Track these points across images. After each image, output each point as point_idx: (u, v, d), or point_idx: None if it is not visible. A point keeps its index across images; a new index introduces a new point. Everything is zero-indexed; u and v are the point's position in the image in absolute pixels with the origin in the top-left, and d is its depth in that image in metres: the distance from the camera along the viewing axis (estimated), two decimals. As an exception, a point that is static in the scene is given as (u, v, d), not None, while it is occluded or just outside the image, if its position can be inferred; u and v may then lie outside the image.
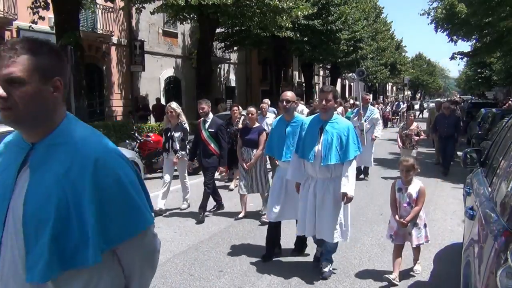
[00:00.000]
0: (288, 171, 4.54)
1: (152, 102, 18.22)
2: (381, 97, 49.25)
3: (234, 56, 26.37)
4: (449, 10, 22.84)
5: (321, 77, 42.25)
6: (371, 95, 45.95)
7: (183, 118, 7.16)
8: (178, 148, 6.97)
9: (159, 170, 10.65)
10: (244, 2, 13.73)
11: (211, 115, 6.81)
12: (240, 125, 8.40)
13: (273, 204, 4.88)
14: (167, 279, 4.51)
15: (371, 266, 4.78)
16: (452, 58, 27.28)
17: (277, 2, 13.90)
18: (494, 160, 3.77)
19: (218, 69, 24.81)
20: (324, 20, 21.72)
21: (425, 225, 4.39)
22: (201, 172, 9.31)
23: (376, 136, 9.86)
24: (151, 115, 17.05)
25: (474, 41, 27.53)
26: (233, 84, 27.16)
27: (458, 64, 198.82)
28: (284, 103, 4.84)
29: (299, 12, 15.34)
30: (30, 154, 1.46)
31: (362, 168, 9.72)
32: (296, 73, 34.53)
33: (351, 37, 24.49)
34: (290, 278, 4.46)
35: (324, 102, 4.23)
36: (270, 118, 9.54)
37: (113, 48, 17.93)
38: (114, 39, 17.79)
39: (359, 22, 25.70)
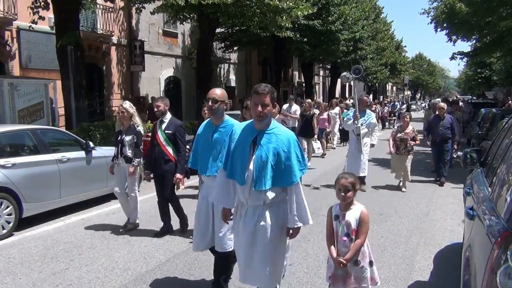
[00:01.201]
0: (212, 191, 3.60)
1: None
2: (381, 97, 49.26)
3: (234, 56, 26.38)
4: (449, 10, 22.85)
5: (321, 77, 42.24)
6: (371, 95, 46.05)
7: (136, 120, 6.26)
8: (128, 153, 6.10)
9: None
10: (244, 2, 13.73)
11: (168, 115, 5.89)
12: None
13: (200, 232, 3.98)
14: (167, 279, 4.51)
15: (371, 266, 4.77)
16: (452, 58, 27.30)
17: (277, 2, 13.90)
18: (494, 160, 3.77)
19: (218, 69, 24.81)
20: (324, 20, 21.71)
21: (371, 263, 3.32)
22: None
23: (373, 144, 8.93)
24: (146, 116, 17.02)
25: (474, 41, 27.56)
26: (233, 84, 27.16)
27: (458, 64, 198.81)
28: (210, 102, 3.87)
29: (299, 12, 15.34)
30: None
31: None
32: (296, 73, 34.52)
33: (351, 37, 24.49)
34: (290, 278, 4.46)
35: (260, 108, 3.15)
36: None
37: (113, 48, 17.93)
38: (114, 39, 17.80)
39: (359, 22, 25.70)
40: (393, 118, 27.96)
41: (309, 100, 13.29)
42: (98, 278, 4.57)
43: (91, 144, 7.83)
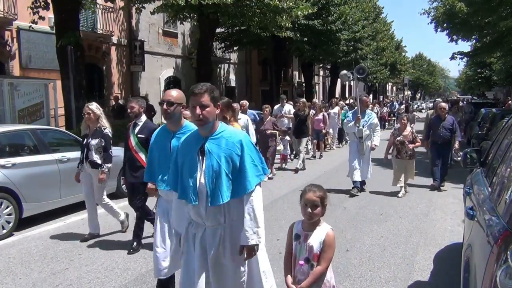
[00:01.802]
0: (171, 216, 3.15)
1: (152, 102, 18.15)
2: (381, 97, 49.28)
3: (234, 56, 26.39)
4: (449, 10, 22.86)
5: (321, 77, 42.25)
6: (371, 95, 45.96)
7: (103, 122, 5.82)
8: (94, 158, 5.73)
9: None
10: (244, 2, 13.74)
11: (143, 118, 5.24)
12: None
13: (159, 254, 3.58)
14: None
15: (371, 266, 4.78)
16: (452, 58, 27.29)
17: (277, 2, 13.91)
18: (494, 160, 3.77)
19: (218, 69, 24.82)
20: (324, 20, 21.73)
21: None
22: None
23: (376, 145, 8.55)
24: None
25: (474, 41, 27.56)
26: (233, 84, 27.17)
27: (458, 64, 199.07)
28: (165, 105, 3.39)
29: (299, 12, 15.36)
30: None
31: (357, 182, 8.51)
32: (296, 73, 34.53)
33: (351, 37, 24.50)
34: (290, 278, 4.46)
35: (198, 110, 2.74)
36: (242, 120, 8.35)
37: (113, 48, 17.94)
38: (114, 39, 17.81)
39: (359, 22, 25.71)
40: (393, 118, 27.78)
41: (303, 99, 12.44)
42: (98, 278, 4.57)
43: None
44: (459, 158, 6.47)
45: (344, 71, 9.28)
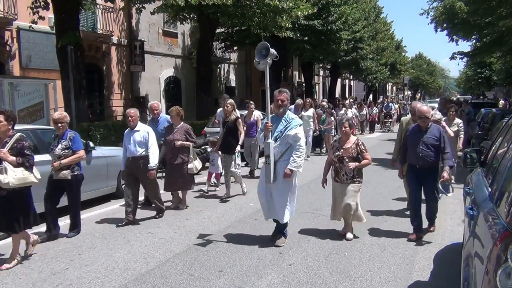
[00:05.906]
0: None
1: (152, 101, 18.13)
2: (381, 97, 49.24)
3: (234, 56, 26.39)
4: (449, 10, 22.87)
5: (321, 77, 42.24)
6: (371, 95, 45.55)
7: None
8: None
9: (158, 170, 10.65)
10: (244, 2, 13.77)
11: None
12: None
13: None
14: (167, 279, 4.51)
15: (371, 266, 4.78)
16: (452, 58, 27.30)
17: (277, 2, 13.93)
18: (494, 160, 3.77)
19: (218, 69, 24.83)
20: (324, 20, 21.74)
21: None
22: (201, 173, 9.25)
23: (292, 170, 5.32)
24: (147, 116, 17.00)
25: (474, 41, 27.58)
26: (233, 84, 27.17)
27: (458, 64, 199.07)
28: None
29: (299, 12, 15.37)
30: None
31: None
32: (296, 73, 34.52)
33: (351, 37, 24.48)
34: (289, 278, 4.47)
35: None
36: (139, 133, 6.79)
37: (113, 48, 17.94)
38: (114, 39, 17.81)
39: (359, 22, 25.70)
40: (389, 120, 25.98)
41: (231, 101, 8.66)
42: (98, 278, 4.57)
43: (91, 144, 7.81)
44: (449, 194, 5.39)
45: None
